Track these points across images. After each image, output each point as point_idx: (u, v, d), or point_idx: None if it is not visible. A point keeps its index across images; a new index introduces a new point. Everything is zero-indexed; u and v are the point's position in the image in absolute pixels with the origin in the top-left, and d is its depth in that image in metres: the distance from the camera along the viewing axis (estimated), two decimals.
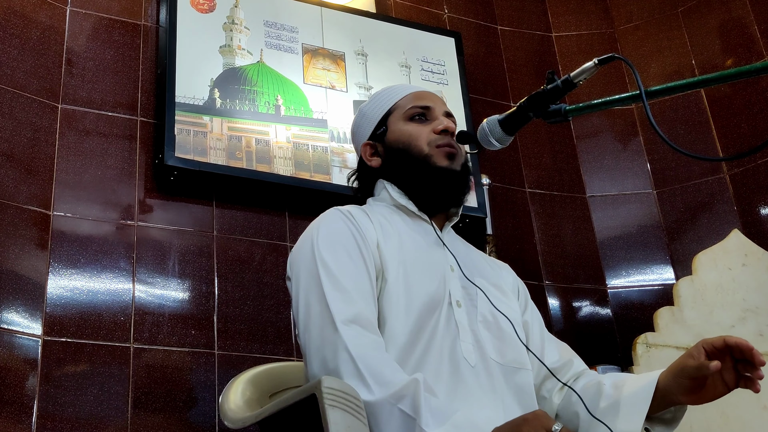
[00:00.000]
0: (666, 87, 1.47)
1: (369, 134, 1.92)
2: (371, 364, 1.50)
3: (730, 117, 3.51)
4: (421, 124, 1.85)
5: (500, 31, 3.85)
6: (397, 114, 1.89)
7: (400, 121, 1.87)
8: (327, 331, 1.56)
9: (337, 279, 1.63)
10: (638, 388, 1.63)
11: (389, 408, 1.44)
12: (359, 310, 1.59)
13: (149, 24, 3.13)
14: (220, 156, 2.92)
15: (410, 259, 1.72)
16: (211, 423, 2.61)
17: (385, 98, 1.94)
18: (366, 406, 1.45)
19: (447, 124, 1.83)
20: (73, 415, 2.46)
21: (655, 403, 1.60)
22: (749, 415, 2.60)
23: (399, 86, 1.98)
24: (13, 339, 2.47)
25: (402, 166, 1.84)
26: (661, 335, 2.71)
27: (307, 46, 3.30)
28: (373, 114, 1.93)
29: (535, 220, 3.48)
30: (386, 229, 1.77)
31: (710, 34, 3.67)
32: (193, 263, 2.81)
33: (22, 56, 2.85)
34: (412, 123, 1.86)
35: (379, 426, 1.44)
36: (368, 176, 1.93)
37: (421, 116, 1.86)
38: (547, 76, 1.58)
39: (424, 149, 1.81)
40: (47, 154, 2.76)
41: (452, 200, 1.83)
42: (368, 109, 1.95)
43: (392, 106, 1.90)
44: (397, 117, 1.88)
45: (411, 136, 1.83)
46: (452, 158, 1.81)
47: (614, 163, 3.64)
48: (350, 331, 1.54)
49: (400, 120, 1.88)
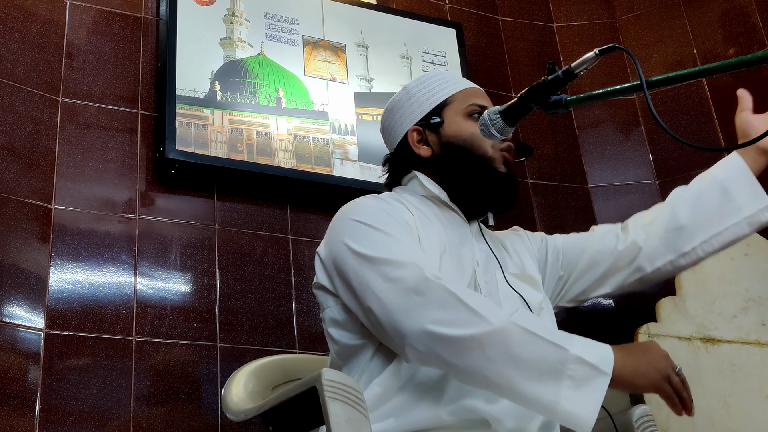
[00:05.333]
0: (667, 77, 1.46)
1: (418, 119, 1.86)
2: (477, 300, 1.50)
3: (732, 107, 3.46)
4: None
5: (501, 21, 3.84)
6: (456, 107, 1.85)
7: (459, 117, 1.84)
8: (422, 286, 1.50)
9: (399, 239, 1.60)
10: (732, 173, 1.86)
11: (516, 328, 1.46)
12: (435, 267, 1.58)
13: (149, 17, 3.12)
14: (221, 149, 2.92)
15: (446, 249, 1.70)
16: (213, 415, 2.61)
17: (440, 85, 1.88)
18: (488, 334, 1.44)
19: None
20: (76, 409, 2.46)
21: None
22: (751, 404, 2.61)
23: (453, 76, 1.94)
24: (15, 332, 2.47)
25: (461, 163, 1.80)
26: (663, 325, 2.71)
27: (307, 38, 3.30)
28: (426, 99, 1.87)
29: (537, 210, 3.48)
30: (421, 216, 1.74)
31: (712, 23, 3.66)
32: (195, 256, 2.81)
33: (23, 50, 2.84)
34: (471, 120, 1.82)
35: (509, 347, 1.44)
36: (410, 163, 1.87)
37: (479, 114, 1.82)
38: (548, 67, 1.57)
39: (488, 151, 1.79)
40: (48, 148, 2.76)
41: (505, 206, 1.83)
42: (419, 92, 1.89)
43: (449, 98, 1.86)
44: (455, 111, 1.84)
45: (475, 135, 1.77)
46: (508, 165, 1.82)
47: (616, 154, 3.63)
48: (443, 280, 1.52)
49: (458, 115, 1.84)
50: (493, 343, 1.45)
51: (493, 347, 1.45)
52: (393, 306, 1.52)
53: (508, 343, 1.45)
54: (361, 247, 1.60)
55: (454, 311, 1.48)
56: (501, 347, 1.45)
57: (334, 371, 1.47)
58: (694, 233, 1.84)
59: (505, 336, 1.45)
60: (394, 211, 1.69)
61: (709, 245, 1.85)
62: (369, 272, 1.57)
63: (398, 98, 1.92)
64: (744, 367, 2.66)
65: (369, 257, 1.58)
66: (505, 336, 1.45)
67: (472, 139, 1.80)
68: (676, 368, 1.49)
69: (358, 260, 1.60)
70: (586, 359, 1.43)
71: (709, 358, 2.66)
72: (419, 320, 1.48)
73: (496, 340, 1.45)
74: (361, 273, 1.58)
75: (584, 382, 1.43)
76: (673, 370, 1.49)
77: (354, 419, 1.42)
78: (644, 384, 1.48)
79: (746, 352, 2.69)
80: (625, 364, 1.47)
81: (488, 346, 1.45)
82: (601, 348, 1.48)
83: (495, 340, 1.45)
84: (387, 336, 1.55)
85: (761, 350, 2.70)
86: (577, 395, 1.42)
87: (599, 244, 1.92)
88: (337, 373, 1.48)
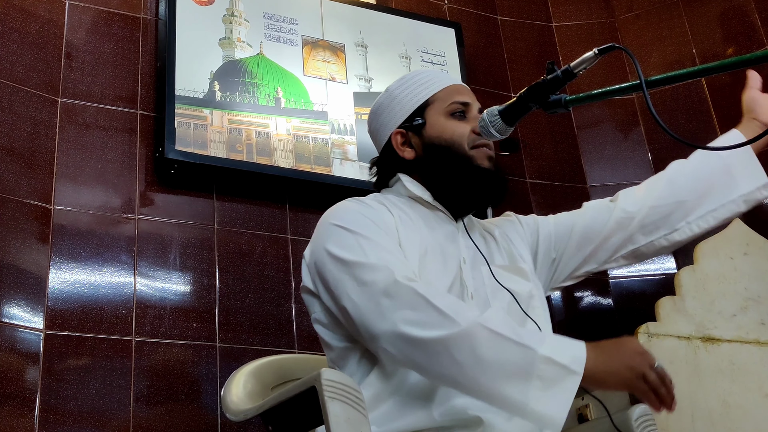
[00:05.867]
0: (666, 76, 1.46)
1: (401, 121, 1.85)
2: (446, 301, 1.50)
3: (731, 106, 3.49)
4: (461, 121, 1.82)
5: (500, 21, 3.84)
6: (437, 107, 1.84)
7: (441, 116, 1.83)
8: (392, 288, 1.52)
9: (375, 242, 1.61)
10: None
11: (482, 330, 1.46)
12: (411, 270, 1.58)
13: (148, 17, 3.12)
14: (221, 149, 2.92)
15: (428, 249, 1.70)
16: (213, 415, 2.61)
17: (421, 85, 1.87)
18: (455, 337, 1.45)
19: None
20: (76, 409, 2.46)
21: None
22: (750, 403, 2.60)
23: (434, 74, 1.92)
24: (14, 333, 2.47)
25: (443, 164, 1.80)
26: (663, 325, 2.71)
27: (306, 38, 3.30)
28: (408, 101, 1.86)
29: (536, 210, 3.47)
30: (404, 217, 1.74)
31: (711, 22, 3.66)
32: (194, 256, 2.81)
33: (22, 50, 2.84)
34: (453, 120, 1.82)
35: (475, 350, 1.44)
36: (395, 166, 1.87)
37: (461, 113, 1.82)
38: (547, 67, 1.57)
39: (466, 150, 1.79)
40: (47, 148, 2.76)
41: (492, 201, 1.84)
42: (400, 93, 1.88)
43: (431, 98, 1.85)
44: (437, 110, 1.83)
45: (455, 134, 1.79)
46: (491, 160, 1.81)
47: (615, 153, 3.63)
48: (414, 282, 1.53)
49: (440, 114, 1.83)
50: (460, 346, 1.45)
51: (460, 349, 1.45)
52: (365, 308, 1.54)
53: (475, 345, 1.45)
54: (338, 251, 1.63)
55: (423, 313, 1.48)
56: (468, 349, 1.45)
57: (333, 371, 1.47)
58: (691, 208, 1.85)
59: (472, 338, 1.45)
60: (373, 214, 1.70)
61: (704, 221, 1.86)
62: (344, 275, 1.60)
63: (381, 100, 1.92)
64: (743, 367, 2.66)
65: (345, 261, 1.61)
66: (472, 338, 1.45)
67: (453, 139, 1.80)
68: (654, 364, 1.47)
69: (335, 264, 1.62)
70: (555, 359, 1.43)
71: (708, 358, 2.66)
72: (390, 322, 1.50)
73: (463, 342, 1.45)
74: (338, 276, 1.61)
75: (553, 383, 1.42)
76: (650, 366, 1.47)
77: (353, 419, 1.42)
78: (616, 382, 1.47)
79: (746, 351, 2.69)
80: (597, 362, 1.46)
81: (455, 349, 1.45)
82: (574, 347, 1.47)
83: (462, 342, 1.45)
84: (363, 338, 1.57)
85: (761, 349, 2.70)
86: (546, 395, 1.42)
87: (590, 219, 1.91)
88: (337, 372, 1.48)
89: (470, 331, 1.46)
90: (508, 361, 1.44)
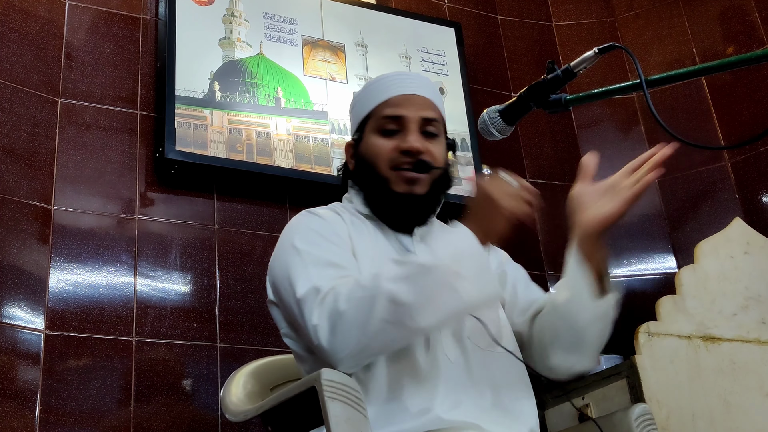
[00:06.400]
0: (667, 75, 1.46)
1: (354, 130, 1.86)
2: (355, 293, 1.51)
3: (732, 105, 3.50)
4: (390, 138, 1.76)
5: (500, 20, 3.84)
6: (372, 124, 1.79)
7: (372, 133, 1.78)
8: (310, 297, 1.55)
9: (315, 256, 1.63)
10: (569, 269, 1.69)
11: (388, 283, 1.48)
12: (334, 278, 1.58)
13: (148, 17, 3.12)
14: (221, 149, 2.92)
15: (375, 258, 1.68)
16: (213, 416, 2.61)
17: (368, 98, 1.84)
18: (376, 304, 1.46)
19: (410, 145, 1.72)
20: (76, 409, 2.46)
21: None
22: (751, 402, 2.60)
23: (382, 84, 1.84)
24: (15, 334, 2.47)
25: (365, 182, 1.79)
26: (664, 324, 2.71)
27: (306, 37, 3.29)
28: (358, 112, 1.85)
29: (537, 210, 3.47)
30: (358, 226, 1.75)
31: (711, 21, 3.66)
32: (195, 256, 2.81)
33: (22, 51, 2.84)
34: (380, 137, 1.76)
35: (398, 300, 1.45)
36: (346, 175, 1.88)
37: (391, 129, 1.76)
38: (548, 66, 1.57)
39: (383, 171, 1.74)
40: (47, 149, 2.76)
41: (412, 223, 1.77)
42: (356, 104, 1.87)
43: (370, 112, 1.80)
44: (371, 126, 1.79)
45: (375, 155, 1.75)
46: (413, 183, 1.73)
47: (615, 153, 3.63)
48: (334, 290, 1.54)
49: (372, 131, 1.79)
50: (385, 308, 1.46)
51: (387, 312, 1.46)
52: (298, 323, 1.58)
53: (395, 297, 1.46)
54: (277, 269, 1.70)
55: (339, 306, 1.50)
56: (392, 306, 1.46)
57: (333, 371, 1.47)
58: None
59: (388, 295, 1.46)
60: (322, 226, 1.71)
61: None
62: (282, 290, 1.66)
63: (350, 105, 1.92)
64: (744, 366, 2.65)
65: (284, 276, 1.66)
66: (388, 295, 1.46)
67: (373, 159, 1.76)
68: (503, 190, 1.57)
69: (281, 281, 1.67)
70: (456, 257, 1.48)
71: (709, 357, 2.65)
72: (311, 325, 1.52)
73: (384, 302, 1.46)
74: (282, 291, 1.66)
75: (471, 271, 1.48)
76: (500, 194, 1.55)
77: (353, 419, 1.42)
78: (495, 232, 1.54)
79: (746, 350, 2.69)
80: (479, 231, 1.52)
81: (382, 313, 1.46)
82: (461, 239, 1.52)
83: (383, 303, 1.46)
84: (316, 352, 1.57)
85: (761, 348, 2.70)
86: (472, 285, 1.47)
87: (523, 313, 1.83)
88: (337, 373, 1.47)
89: (380, 291, 1.47)
90: (431, 289, 1.46)
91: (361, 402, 1.45)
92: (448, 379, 1.58)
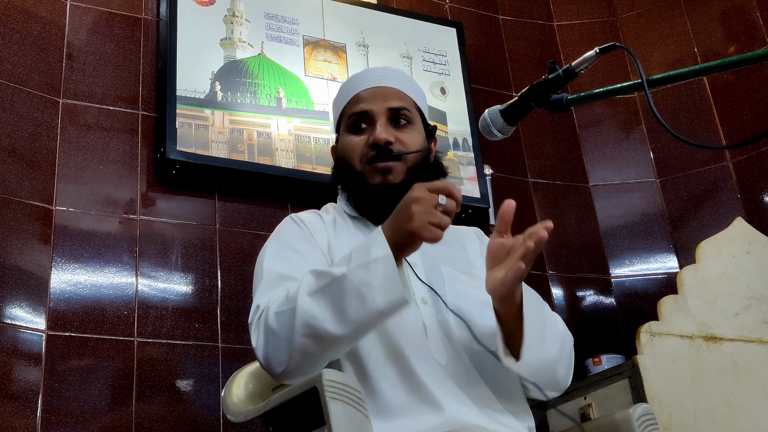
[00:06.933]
0: (668, 75, 1.46)
1: (334, 131, 1.88)
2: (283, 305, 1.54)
3: (733, 104, 3.50)
4: (361, 134, 1.78)
5: (502, 20, 3.84)
6: (344, 122, 1.82)
7: (345, 132, 1.81)
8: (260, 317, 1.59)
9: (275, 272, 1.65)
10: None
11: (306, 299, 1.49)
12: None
13: (150, 17, 3.12)
14: (222, 149, 2.92)
15: None
16: (215, 416, 2.61)
17: (339, 99, 1.86)
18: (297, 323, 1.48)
19: (374, 136, 1.73)
20: (78, 409, 2.46)
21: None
22: (753, 402, 2.60)
23: (350, 83, 1.86)
24: (16, 334, 2.47)
25: (344, 180, 1.81)
26: (665, 324, 2.71)
27: (308, 38, 3.29)
28: (335, 113, 1.89)
29: (538, 209, 3.47)
30: (339, 230, 1.76)
31: (713, 21, 3.66)
32: (196, 256, 2.81)
33: (23, 51, 2.84)
34: (351, 135, 1.79)
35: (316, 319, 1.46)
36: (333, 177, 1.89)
37: (359, 126, 1.78)
38: (549, 66, 1.57)
39: (357, 167, 1.75)
40: (49, 149, 2.76)
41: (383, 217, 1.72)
42: (333, 106, 1.91)
43: (341, 111, 1.84)
44: (344, 125, 1.82)
45: (349, 152, 1.77)
46: (386, 172, 1.73)
47: (617, 152, 3.63)
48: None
49: (345, 130, 1.82)
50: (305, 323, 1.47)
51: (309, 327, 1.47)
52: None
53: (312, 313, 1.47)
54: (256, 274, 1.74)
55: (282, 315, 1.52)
56: (311, 321, 1.47)
57: (335, 371, 1.47)
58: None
59: (305, 311, 1.47)
60: (300, 235, 1.73)
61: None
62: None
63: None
64: (746, 366, 2.65)
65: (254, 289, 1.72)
66: (305, 311, 1.47)
67: (345, 156, 1.78)
68: (428, 201, 1.44)
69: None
70: (362, 262, 1.46)
71: (710, 357, 2.65)
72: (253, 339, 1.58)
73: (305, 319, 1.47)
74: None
75: (377, 276, 1.44)
76: (423, 203, 1.44)
77: (355, 419, 1.42)
78: (410, 238, 1.46)
79: (748, 350, 2.68)
80: (392, 235, 1.47)
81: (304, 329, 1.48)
82: (375, 242, 1.48)
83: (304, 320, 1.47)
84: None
85: (763, 348, 2.69)
86: (381, 291, 1.44)
87: None
88: (338, 373, 1.47)
89: (297, 306, 1.48)
90: (340, 300, 1.46)
91: (362, 402, 1.45)
92: (441, 383, 1.57)
